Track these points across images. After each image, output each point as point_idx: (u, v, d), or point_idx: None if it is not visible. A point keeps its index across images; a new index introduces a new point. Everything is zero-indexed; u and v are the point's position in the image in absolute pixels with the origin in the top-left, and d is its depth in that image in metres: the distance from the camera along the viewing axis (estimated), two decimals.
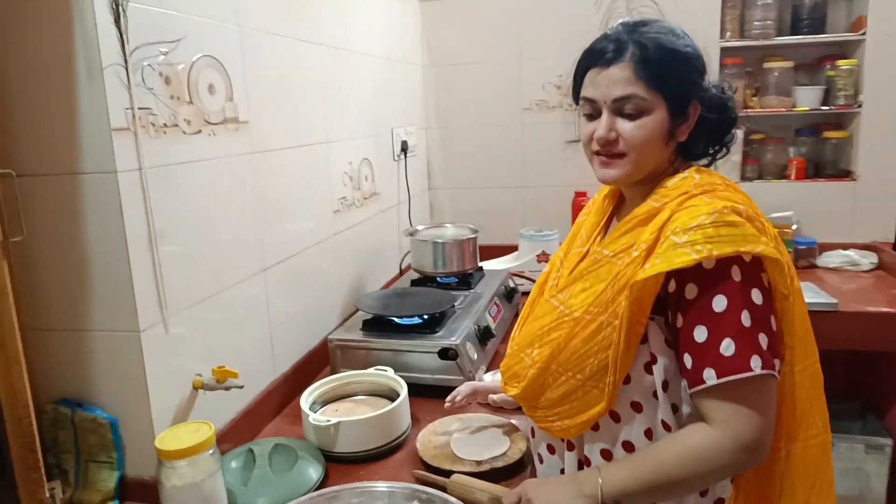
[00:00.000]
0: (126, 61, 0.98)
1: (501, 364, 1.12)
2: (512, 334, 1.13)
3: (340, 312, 1.80)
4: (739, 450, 0.83)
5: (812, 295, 2.02)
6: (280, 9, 1.48)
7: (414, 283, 1.98)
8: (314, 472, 1.17)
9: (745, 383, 0.83)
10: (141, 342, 1.05)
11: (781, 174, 2.48)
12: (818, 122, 2.48)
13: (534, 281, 1.37)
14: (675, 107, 0.94)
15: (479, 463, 1.18)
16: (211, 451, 1.02)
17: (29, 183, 1.00)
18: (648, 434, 0.95)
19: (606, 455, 0.98)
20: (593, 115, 0.97)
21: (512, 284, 2.04)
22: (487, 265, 2.16)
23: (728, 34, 2.40)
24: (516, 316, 1.39)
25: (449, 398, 1.29)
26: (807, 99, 2.38)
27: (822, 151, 2.48)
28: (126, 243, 1.01)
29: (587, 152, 1.00)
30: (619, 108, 0.94)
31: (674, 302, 0.90)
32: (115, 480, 1.09)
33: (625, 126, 0.94)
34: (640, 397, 0.95)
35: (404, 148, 2.30)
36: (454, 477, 1.12)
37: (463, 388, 1.30)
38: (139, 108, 1.01)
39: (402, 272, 2.25)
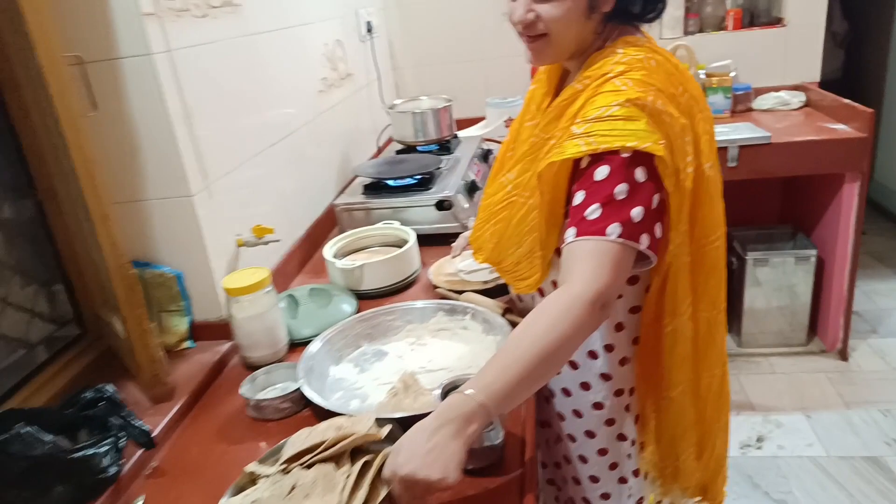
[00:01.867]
0: None
1: (471, 235, 1.26)
2: (480, 203, 1.23)
3: (335, 186, 1.98)
4: (585, 302, 0.82)
5: (748, 131, 2.28)
6: None
7: (398, 153, 2.15)
8: (349, 306, 1.39)
9: (598, 246, 0.85)
10: (194, 204, 1.21)
11: (720, 26, 2.68)
12: None
13: None
14: None
15: (485, 283, 1.41)
16: (268, 290, 1.22)
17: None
18: None
19: None
20: None
21: (486, 147, 2.24)
22: (461, 134, 2.33)
23: None
24: None
25: (452, 252, 1.45)
26: None
27: (756, 1, 2.67)
28: (170, 119, 1.15)
29: (516, 31, 1.00)
30: None
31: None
32: (187, 324, 1.30)
33: (542, 7, 0.94)
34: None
35: (370, 28, 2.39)
36: (465, 294, 1.35)
37: (460, 241, 1.45)
38: None
39: (380, 149, 2.40)
